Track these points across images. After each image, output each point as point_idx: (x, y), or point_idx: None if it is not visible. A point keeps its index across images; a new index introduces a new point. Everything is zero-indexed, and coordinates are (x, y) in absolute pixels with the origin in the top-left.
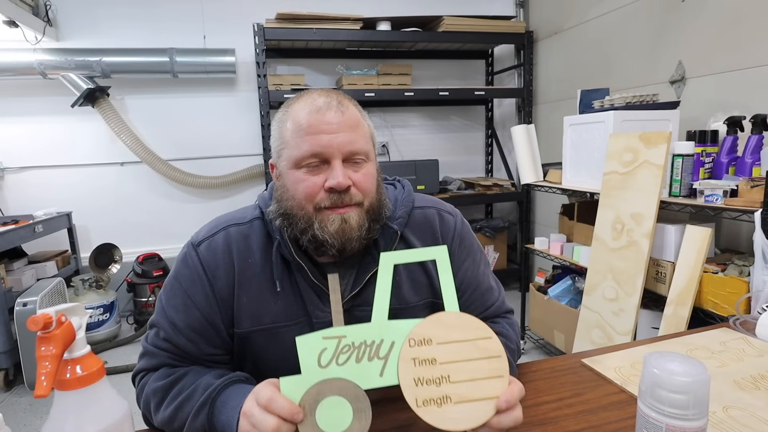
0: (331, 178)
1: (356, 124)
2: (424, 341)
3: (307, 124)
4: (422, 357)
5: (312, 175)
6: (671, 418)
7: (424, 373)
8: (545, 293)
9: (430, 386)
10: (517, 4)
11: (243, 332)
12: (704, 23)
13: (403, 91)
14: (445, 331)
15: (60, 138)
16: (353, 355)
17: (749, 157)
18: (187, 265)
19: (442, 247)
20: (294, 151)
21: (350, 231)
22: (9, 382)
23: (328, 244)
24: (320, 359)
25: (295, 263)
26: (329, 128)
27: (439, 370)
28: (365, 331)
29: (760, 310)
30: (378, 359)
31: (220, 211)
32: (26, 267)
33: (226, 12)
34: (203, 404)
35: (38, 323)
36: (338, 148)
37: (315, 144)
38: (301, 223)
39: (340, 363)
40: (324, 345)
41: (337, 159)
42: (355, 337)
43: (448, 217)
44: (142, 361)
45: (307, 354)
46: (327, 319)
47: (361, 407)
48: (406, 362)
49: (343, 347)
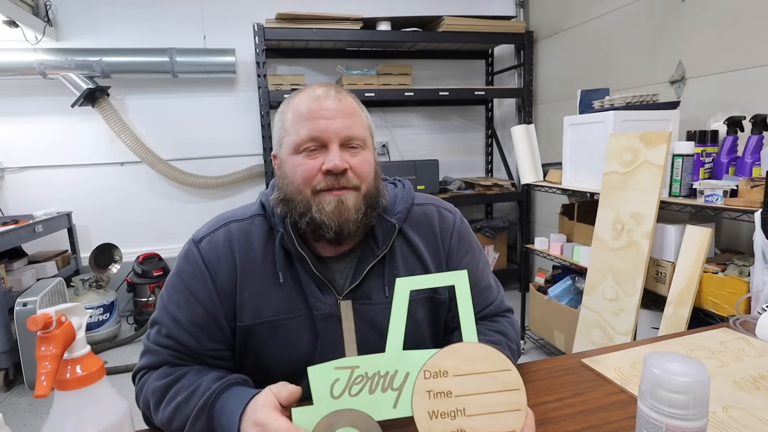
0: (327, 161)
1: (353, 112)
2: (440, 373)
3: (307, 110)
4: (437, 390)
5: (310, 159)
6: (671, 418)
7: (438, 406)
8: (545, 293)
9: (444, 419)
10: (517, 4)
11: (245, 325)
12: (704, 23)
13: (403, 91)
14: (462, 363)
15: (60, 138)
16: (366, 385)
17: (749, 157)
18: (189, 261)
19: (462, 272)
20: (293, 137)
21: (347, 212)
22: (9, 382)
23: (326, 225)
24: (333, 390)
25: (297, 254)
26: (327, 113)
27: (454, 403)
28: (379, 361)
29: (760, 310)
30: (392, 390)
31: (220, 211)
32: (26, 267)
33: (226, 12)
34: (201, 409)
35: (38, 323)
36: (335, 133)
37: (313, 128)
38: (300, 206)
39: (353, 394)
40: (337, 375)
41: (335, 143)
42: (368, 368)
43: (448, 214)
44: (143, 359)
45: (320, 384)
46: (327, 311)
47: None
48: (421, 395)
49: (356, 378)
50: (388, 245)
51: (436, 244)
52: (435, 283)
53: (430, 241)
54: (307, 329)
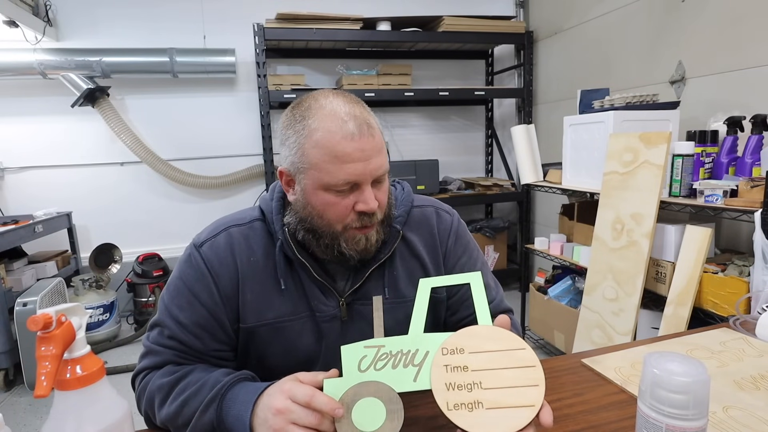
0: (361, 203)
1: (382, 145)
2: (457, 350)
3: (343, 153)
4: (454, 364)
5: (343, 198)
6: (671, 418)
7: (455, 378)
8: (545, 293)
9: (461, 391)
10: (517, 4)
11: (248, 327)
12: (704, 23)
13: (403, 91)
14: (479, 342)
15: (60, 138)
16: (390, 362)
17: (749, 157)
18: (191, 265)
19: (477, 273)
20: (326, 177)
21: (370, 247)
22: (9, 382)
23: (350, 257)
24: (360, 365)
25: (298, 261)
26: (363, 155)
27: (471, 376)
28: (402, 341)
29: (760, 310)
30: (413, 366)
31: (220, 211)
32: (26, 267)
33: (226, 12)
34: (212, 400)
35: (38, 323)
36: (371, 174)
37: (351, 174)
38: (326, 239)
39: (377, 368)
40: (365, 353)
41: (368, 183)
42: (392, 347)
43: (445, 215)
44: (144, 361)
45: (349, 360)
46: (330, 312)
47: (394, 408)
48: (439, 368)
49: (382, 355)
50: (390, 250)
51: (434, 244)
52: (453, 281)
53: (429, 242)
54: (310, 331)
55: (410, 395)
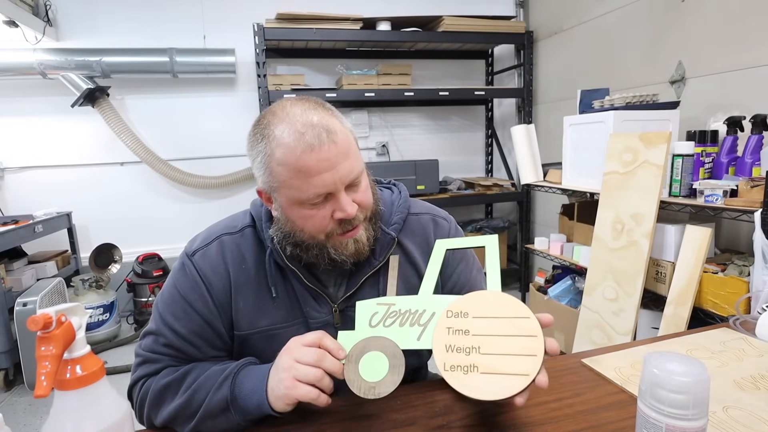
0: (339, 210)
1: (347, 146)
2: (461, 313)
3: (306, 167)
4: (456, 327)
5: (319, 210)
6: (671, 418)
7: (455, 341)
8: (545, 293)
9: (459, 354)
10: (517, 4)
11: (242, 334)
12: (704, 23)
13: (403, 91)
14: (483, 307)
15: (60, 138)
16: (398, 320)
17: (749, 157)
18: (185, 273)
19: (493, 236)
20: (296, 193)
21: (362, 247)
22: (9, 382)
23: (344, 262)
24: (371, 320)
25: (288, 269)
26: (328, 165)
27: (470, 340)
28: (412, 301)
29: (760, 310)
30: (418, 326)
31: (220, 211)
32: (26, 267)
33: (226, 12)
34: (226, 378)
35: (38, 323)
36: (341, 181)
37: (320, 186)
38: (314, 249)
39: (386, 325)
40: (376, 309)
41: (341, 191)
42: (402, 306)
43: (443, 222)
44: (140, 369)
45: (362, 315)
46: (322, 319)
47: (396, 363)
48: (441, 330)
49: (391, 312)
50: (385, 257)
51: (430, 252)
52: (469, 244)
53: (425, 250)
54: None
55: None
